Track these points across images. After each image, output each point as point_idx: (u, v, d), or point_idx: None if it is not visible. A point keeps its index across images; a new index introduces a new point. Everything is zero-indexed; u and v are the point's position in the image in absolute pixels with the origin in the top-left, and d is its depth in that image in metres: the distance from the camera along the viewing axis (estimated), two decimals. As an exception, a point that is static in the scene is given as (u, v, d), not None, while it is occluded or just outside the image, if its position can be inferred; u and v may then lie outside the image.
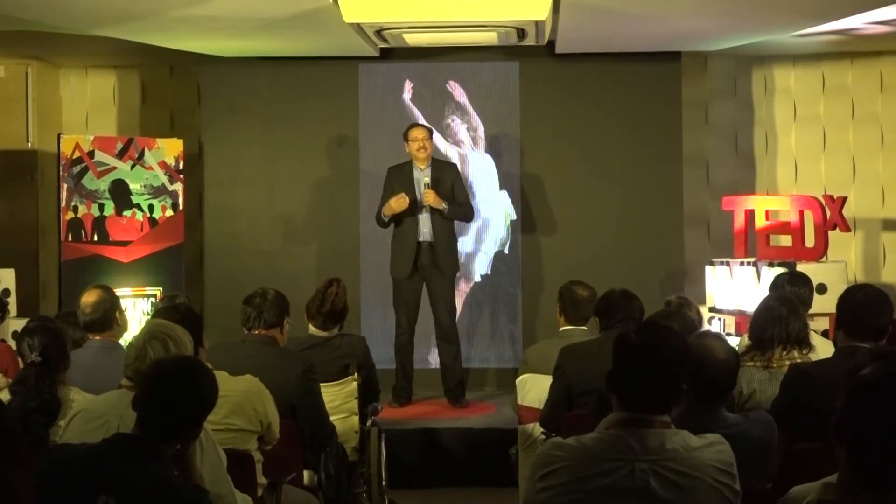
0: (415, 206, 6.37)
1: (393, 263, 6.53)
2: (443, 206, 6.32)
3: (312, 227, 7.50)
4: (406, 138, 6.47)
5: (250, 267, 7.27)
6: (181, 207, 7.00)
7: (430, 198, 6.27)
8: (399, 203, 6.26)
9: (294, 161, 7.50)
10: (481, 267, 7.42)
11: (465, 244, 7.27)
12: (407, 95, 7.44)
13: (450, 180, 6.49)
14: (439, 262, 6.37)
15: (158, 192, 6.92)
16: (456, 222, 6.61)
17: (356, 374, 4.65)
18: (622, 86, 7.38)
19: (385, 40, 6.64)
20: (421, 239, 6.38)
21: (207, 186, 7.53)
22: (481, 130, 7.44)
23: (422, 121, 7.20)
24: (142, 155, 6.88)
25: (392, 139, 7.25)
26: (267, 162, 7.53)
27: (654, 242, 7.29)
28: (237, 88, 7.50)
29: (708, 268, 6.57)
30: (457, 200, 6.46)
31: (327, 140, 7.50)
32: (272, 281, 5.16)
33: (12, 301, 6.17)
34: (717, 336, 3.27)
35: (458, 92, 7.43)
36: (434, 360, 7.00)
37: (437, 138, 7.02)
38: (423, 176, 6.37)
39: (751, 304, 5.45)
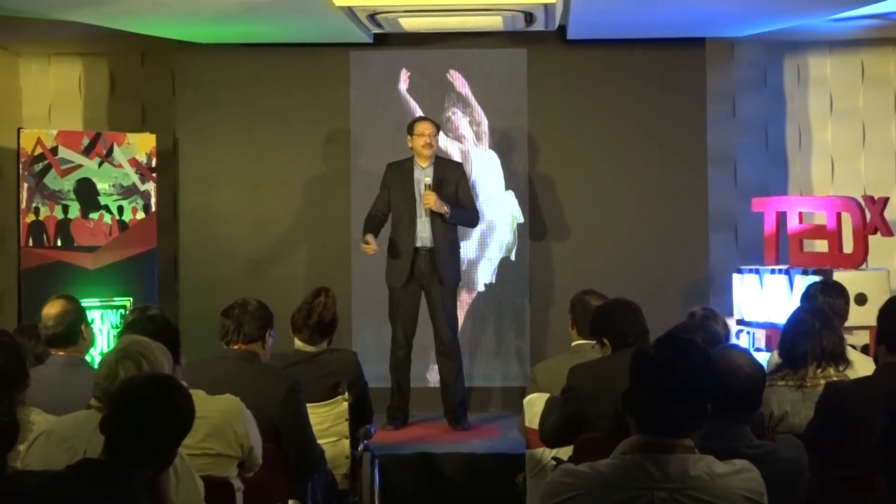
0: (413, 209, 6.39)
1: (388, 271, 6.53)
2: (445, 210, 6.33)
3: (299, 231, 7.51)
4: (410, 132, 6.48)
5: (230, 275, 7.30)
6: (154, 209, 7.01)
7: (430, 201, 6.28)
8: (365, 248, 6.26)
9: (279, 158, 7.52)
10: (485, 275, 7.43)
11: (467, 250, 7.28)
12: (403, 86, 7.45)
13: (454, 181, 6.50)
14: (439, 270, 6.38)
15: (129, 192, 6.93)
16: (459, 227, 6.63)
17: (347, 394, 4.63)
18: (640, 76, 7.41)
19: (379, 25, 6.66)
20: (419, 245, 6.38)
21: (183, 186, 7.55)
22: (485, 125, 7.45)
23: (420, 113, 7.21)
24: (110, 151, 6.89)
25: (387, 134, 7.32)
26: (249, 159, 7.54)
27: (677, 248, 7.33)
28: (216, 78, 7.51)
29: (735, 276, 6.58)
30: (461, 204, 6.48)
31: (315, 135, 7.52)
32: (254, 290, 5.18)
33: (-35, 313, 6.24)
34: (740, 349, 3.27)
35: (459, 82, 7.44)
36: (433, 377, 7.02)
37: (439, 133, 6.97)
38: (424, 175, 6.38)
39: (782, 317, 5.43)
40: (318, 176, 7.52)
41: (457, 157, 7.30)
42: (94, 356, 4.82)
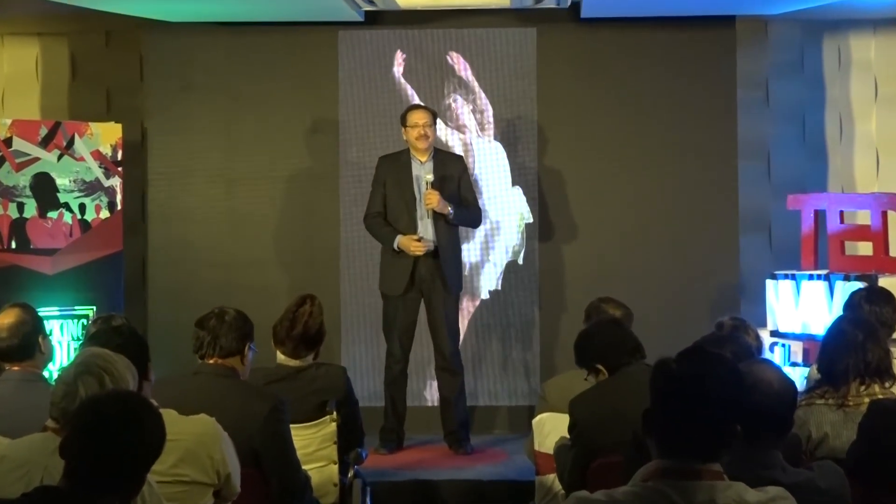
0: (413, 208, 6.40)
1: (384, 277, 6.55)
2: (448, 210, 6.35)
3: (282, 232, 7.55)
4: (404, 122, 6.50)
5: (204, 281, 7.34)
6: (120, 207, 7.02)
7: (433, 201, 6.31)
8: (419, 248, 6.29)
9: (259, 151, 7.55)
10: (489, 281, 7.46)
11: (469, 253, 7.33)
12: (398, 70, 7.47)
13: (456, 177, 6.53)
14: (444, 276, 6.41)
15: (92, 188, 6.94)
16: (461, 227, 6.65)
17: (335, 414, 4.63)
18: (663, 59, 7.46)
19: (371, 2, 6.69)
20: None
21: (152, 182, 7.58)
22: (489, 113, 7.47)
23: (416, 100, 7.23)
24: (71, 143, 6.89)
25: (379, 124, 7.36)
26: (226, 152, 7.57)
27: (703, 251, 7.38)
28: (189, 62, 7.54)
29: (769, 282, 6.57)
30: (463, 202, 6.50)
31: (300, 125, 7.55)
32: (232, 298, 5.24)
33: None
34: (770, 363, 3.28)
35: (460, 66, 7.47)
36: (432, 395, 7.06)
37: (437, 123, 6.99)
38: (424, 171, 6.41)
39: (821, 327, 5.44)
40: (303, 170, 7.54)
41: (458, 150, 7.34)
42: (53, 372, 4.80)
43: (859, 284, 5.65)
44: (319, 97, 7.50)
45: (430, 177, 6.32)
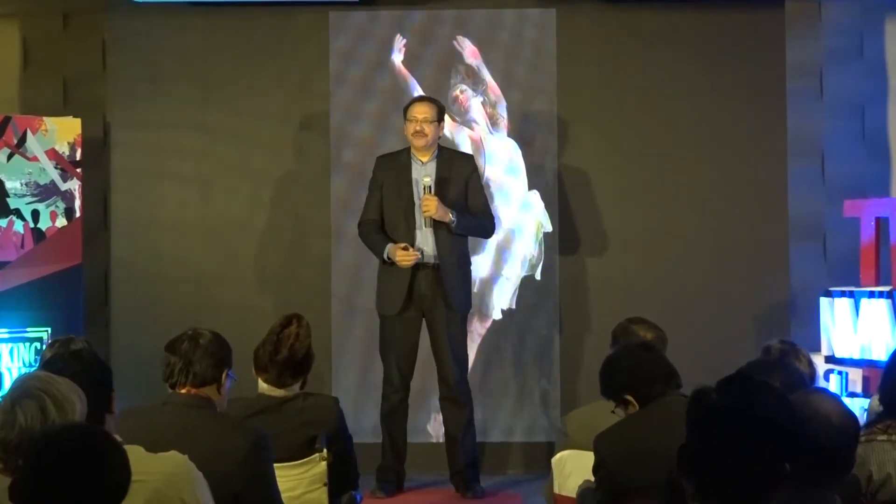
0: (412, 216, 6.41)
1: (380, 294, 6.57)
2: (449, 218, 6.37)
3: (264, 243, 7.56)
4: (405, 113, 6.54)
5: (176, 298, 7.39)
6: (78, 214, 7.04)
7: (430, 207, 6.32)
8: (405, 257, 6.30)
9: (238, 150, 7.58)
10: (503, 299, 7.46)
11: (479, 267, 7.30)
12: (397, 57, 7.48)
13: (462, 179, 6.54)
14: (446, 292, 6.41)
15: (47, 192, 6.93)
16: (470, 238, 6.66)
17: (325, 451, 4.60)
18: (701, 45, 7.51)
19: (367, -22, 6.72)
20: (420, 260, 6.40)
21: (116, 185, 7.62)
22: (503, 106, 7.48)
23: (419, 92, 7.24)
24: (23, 140, 6.88)
25: (376, 119, 7.40)
26: (201, 151, 7.60)
27: (748, 265, 7.41)
28: (158, 47, 7.57)
29: (823, 300, 6.54)
30: (472, 208, 6.50)
31: (285, 121, 7.57)
32: (207, 318, 5.37)
33: None
34: (829, 394, 3.28)
35: (469, 52, 7.48)
36: (437, 430, 7.13)
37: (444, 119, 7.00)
38: (424, 173, 6.41)
39: (884, 352, 5.45)
40: (289, 172, 7.57)
41: (466, 148, 7.32)
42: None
43: (927, 303, 5.66)
44: (308, 89, 7.52)
45: (429, 179, 6.33)
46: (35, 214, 6.87)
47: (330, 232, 7.43)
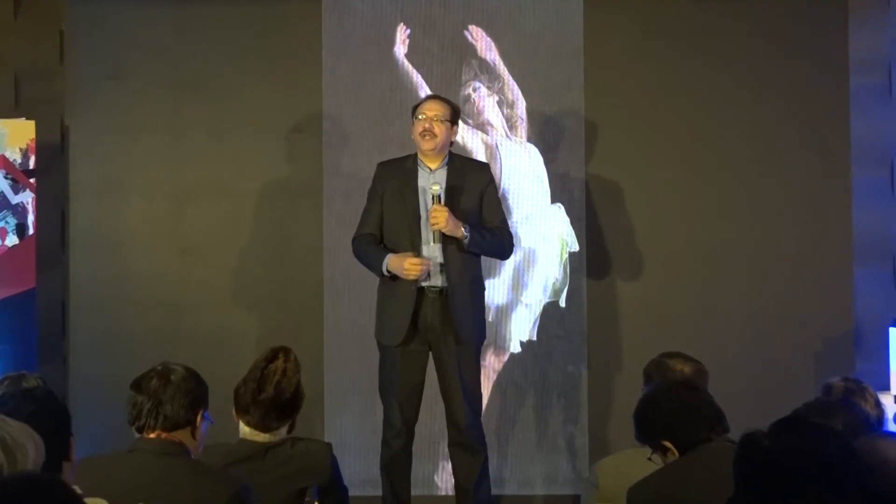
0: (417, 231, 6.34)
1: (380, 323, 6.50)
2: (461, 233, 6.29)
3: (246, 264, 7.53)
4: (413, 115, 6.49)
5: (143, 328, 7.36)
6: (32, 231, 7.04)
7: (440, 220, 6.22)
8: (413, 267, 6.23)
9: (217, 156, 7.56)
10: (521, 330, 7.44)
11: (495, 292, 7.29)
12: (400, 50, 7.49)
13: (476, 190, 6.46)
14: (456, 322, 6.33)
15: (-4, 205, 6.97)
16: (484, 258, 6.58)
17: (317, 504, 4.67)
18: (751, 37, 7.49)
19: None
20: (426, 284, 6.34)
21: (75, 197, 7.59)
22: (521, 106, 7.47)
23: (425, 90, 7.26)
24: (-31, 146, 6.91)
25: (376, 121, 7.38)
26: (172, 158, 7.57)
27: (805, 289, 7.38)
28: (125, 39, 7.54)
29: (893, 330, 6.61)
30: (486, 223, 6.45)
31: (271, 123, 7.55)
32: (180, 351, 5.40)
33: None
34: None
35: (483, 44, 7.47)
36: (445, 481, 7.10)
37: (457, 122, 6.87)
38: (432, 182, 6.35)
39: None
40: (275, 183, 7.55)
41: (480, 155, 7.32)
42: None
43: None
44: (296, 86, 7.51)
45: (438, 188, 6.24)
46: (-18, 231, 6.92)
47: (322, 251, 7.41)
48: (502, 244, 6.54)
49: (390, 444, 6.45)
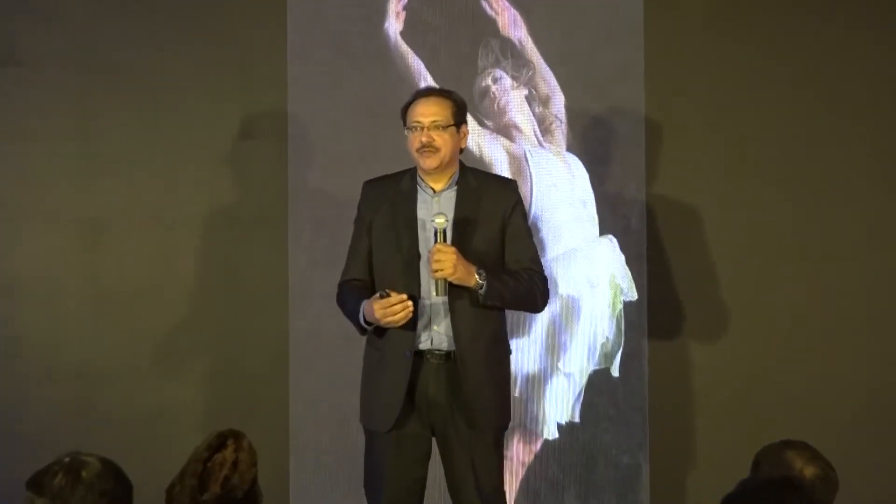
0: (416, 274, 6.10)
1: (364, 400, 6.30)
2: (474, 281, 5.99)
3: (184, 317, 7.52)
4: (404, 119, 6.21)
5: (45, 403, 7.38)
6: None
7: (446, 265, 5.92)
8: (389, 309, 5.99)
9: (144, 171, 7.50)
10: (559, 409, 7.42)
11: (523, 357, 7.23)
12: (393, 27, 7.44)
13: (496, 218, 6.22)
14: (467, 398, 6.09)
15: None
16: (509, 311, 6.29)
17: None
18: (861, 16, 7.56)
19: None
20: (424, 346, 6.08)
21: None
22: (558, 103, 7.39)
23: (428, 81, 7.16)
24: None
25: (361, 123, 7.36)
26: (86, 174, 7.50)
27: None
28: (21, 16, 7.48)
29: None
30: (511, 264, 6.18)
31: (219, 127, 7.51)
32: (94, 436, 5.78)
33: None
34: None
35: (508, 19, 7.41)
36: None
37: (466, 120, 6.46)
38: (435, 210, 6.07)
39: None
40: (224, 207, 7.49)
41: (503, 168, 7.26)
42: None
43: None
44: (252, 78, 7.44)
45: (443, 220, 5.94)
46: None
47: (287, 299, 7.32)
48: (532, 293, 6.34)
49: (380, 561, 6.03)
